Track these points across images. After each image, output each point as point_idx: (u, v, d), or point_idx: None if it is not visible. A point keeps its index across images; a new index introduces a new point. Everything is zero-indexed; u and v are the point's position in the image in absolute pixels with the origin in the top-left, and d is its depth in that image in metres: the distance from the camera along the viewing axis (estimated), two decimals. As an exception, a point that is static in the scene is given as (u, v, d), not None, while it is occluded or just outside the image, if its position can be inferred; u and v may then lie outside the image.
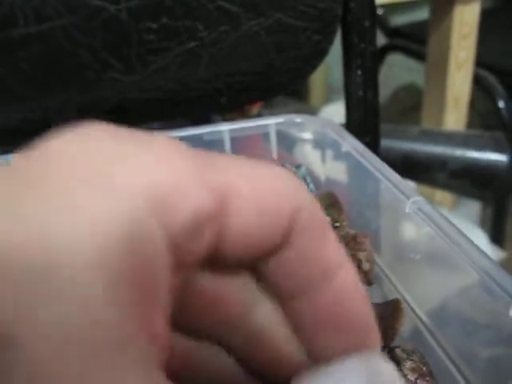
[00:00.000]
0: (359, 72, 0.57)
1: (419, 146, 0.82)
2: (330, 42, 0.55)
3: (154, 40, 0.48)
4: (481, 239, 0.88)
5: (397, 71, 1.40)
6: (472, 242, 0.32)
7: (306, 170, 0.48)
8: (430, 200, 0.49)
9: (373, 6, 0.57)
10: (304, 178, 0.48)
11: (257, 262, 0.18)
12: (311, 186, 0.48)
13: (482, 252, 0.31)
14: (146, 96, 0.51)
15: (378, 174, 0.41)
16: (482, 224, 1.01)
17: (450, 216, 0.74)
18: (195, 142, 0.48)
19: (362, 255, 0.40)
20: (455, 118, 1.01)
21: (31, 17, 0.45)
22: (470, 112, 1.04)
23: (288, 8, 0.51)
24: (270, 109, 1.03)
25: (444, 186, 0.87)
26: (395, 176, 0.40)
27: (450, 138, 0.83)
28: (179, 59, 0.49)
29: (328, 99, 1.42)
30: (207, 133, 0.48)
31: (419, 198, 0.37)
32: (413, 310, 0.39)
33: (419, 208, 0.37)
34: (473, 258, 0.31)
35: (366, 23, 0.56)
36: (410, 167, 0.81)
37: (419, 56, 1.12)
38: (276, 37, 0.51)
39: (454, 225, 0.35)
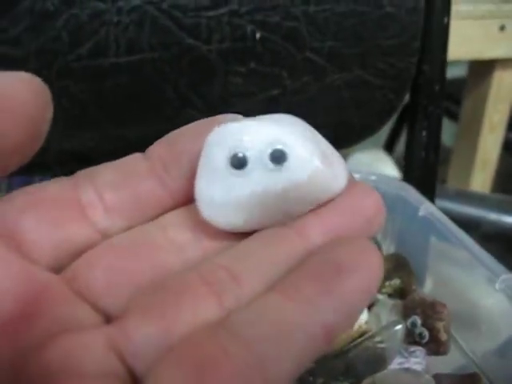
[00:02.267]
0: (424, 133, 0.58)
1: (454, 205, 0.82)
2: (401, 100, 0.56)
3: (240, 83, 0.48)
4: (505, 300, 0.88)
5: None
6: None
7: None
8: (451, 258, 0.50)
9: (444, 71, 0.57)
10: (375, 238, 0.48)
11: None
12: (378, 244, 0.48)
13: None
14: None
15: (463, 246, 0.41)
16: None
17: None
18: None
19: (439, 325, 0.40)
20: (482, 179, 1.02)
21: (124, 48, 0.45)
22: (497, 174, 1.05)
23: (370, 65, 0.51)
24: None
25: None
26: (482, 251, 0.40)
27: (485, 201, 0.84)
28: (261, 105, 0.49)
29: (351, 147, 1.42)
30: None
31: (509, 276, 0.37)
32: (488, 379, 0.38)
33: (508, 286, 0.37)
34: None
35: (436, 87, 0.57)
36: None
37: (449, 114, 1.13)
38: (355, 92, 0.52)
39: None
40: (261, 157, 0.18)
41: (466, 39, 0.89)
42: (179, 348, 0.15)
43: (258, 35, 0.47)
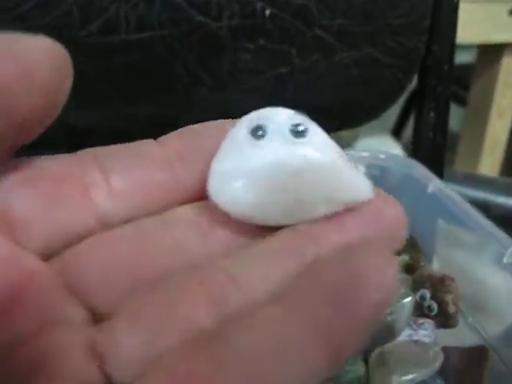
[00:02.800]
0: (432, 114, 0.58)
1: (462, 189, 0.82)
2: (410, 80, 0.56)
3: (249, 60, 0.48)
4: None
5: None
6: None
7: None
8: (457, 240, 0.50)
9: (453, 52, 0.57)
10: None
11: None
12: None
13: None
14: (229, 114, 0.51)
15: (469, 222, 0.41)
16: None
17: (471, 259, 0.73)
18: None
19: (448, 298, 0.40)
20: (490, 164, 1.02)
21: (134, 25, 0.45)
22: (505, 159, 1.05)
23: (379, 43, 0.51)
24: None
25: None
26: (491, 225, 0.40)
27: (493, 184, 0.83)
28: (270, 82, 0.49)
29: (359, 132, 1.43)
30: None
31: (517, 248, 0.38)
32: (499, 356, 0.39)
33: (517, 259, 0.37)
34: None
35: (445, 67, 0.57)
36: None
37: (458, 99, 1.13)
38: (364, 70, 0.52)
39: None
40: (281, 129, 0.18)
41: (475, 23, 0.89)
42: (167, 360, 0.14)
43: (267, 12, 0.47)
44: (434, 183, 0.45)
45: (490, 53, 0.98)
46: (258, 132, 0.18)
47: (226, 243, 0.18)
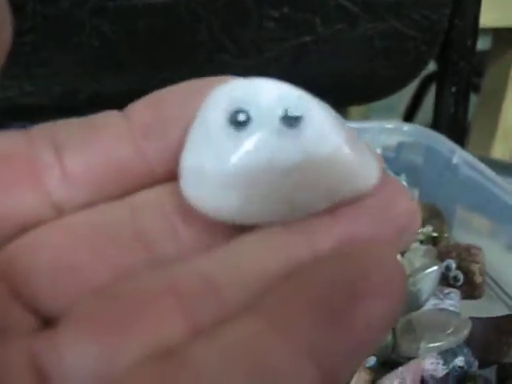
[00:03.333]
0: (453, 89, 0.57)
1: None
2: (432, 54, 0.55)
3: (273, 28, 0.48)
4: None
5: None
6: None
7: (406, 177, 0.48)
8: (468, 225, 0.50)
9: (476, 27, 0.57)
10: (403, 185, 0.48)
11: None
12: (414, 193, 0.48)
13: None
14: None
15: (498, 189, 0.41)
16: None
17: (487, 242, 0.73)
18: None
19: (475, 267, 0.40)
20: (503, 148, 1.02)
21: (158, -12, 0.45)
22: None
23: (403, 15, 0.51)
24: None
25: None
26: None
27: (507, 168, 0.83)
28: (293, 51, 0.49)
29: (367, 116, 1.43)
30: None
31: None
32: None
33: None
34: None
35: (468, 42, 0.56)
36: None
37: (472, 86, 1.12)
38: (387, 42, 0.51)
39: None
40: (268, 116, 0.14)
41: (492, 7, 0.88)
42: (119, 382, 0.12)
43: (293, -21, 0.46)
44: (459, 154, 0.45)
45: (505, 38, 0.97)
46: (238, 117, 0.14)
47: (201, 237, 0.15)
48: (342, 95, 0.53)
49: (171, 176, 0.15)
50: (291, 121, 0.14)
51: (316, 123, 0.14)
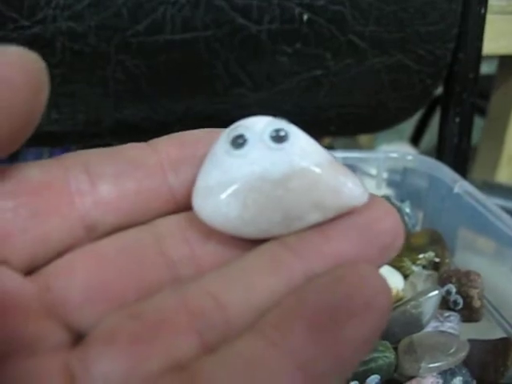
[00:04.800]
0: (457, 120, 0.60)
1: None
2: (437, 86, 0.58)
3: (286, 63, 0.50)
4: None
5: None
6: None
7: (410, 205, 0.50)
8: (472, 246, 0.51)
9: (479, 60, 0.59)
10: (407, 213, 0.50)
11: None
12: (413, 220, 0.50)
13: None
14: (263, 114, 0.53)
15: (497, 220, 0.43)
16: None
17: (491, 263, 0.75)
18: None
19: (473, 292, 0.42)
20: (508, 174, 1.04)
21: (179, 25, 0.48)
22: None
23: (409, 50, 0.53)
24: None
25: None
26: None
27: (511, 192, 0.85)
28: (304, 84, 0.51)
29: (374, 138, 1.45)
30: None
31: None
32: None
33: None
34: None
35: (471, 75, 0.59)
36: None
37: (478, 110, 1.15)
38: (394, 75, 0.54)
39: None
40: (261, 136, 0.17)
41: (498, 34, 0.90)
42: None
43: (305, 17, 0.49)
44: (461, 184, 0.47)
45: (510, 64, 0.99)
46: (237, 141, 0.17)
47: (214, 257, 0.17)
48: (350, 125, 0.56)
49: (190, 206, 0.18)
50: (279, 138, 0.17)
51: (299, 141, 0.17)
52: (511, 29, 0.91)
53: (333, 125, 0.55)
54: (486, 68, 1.26)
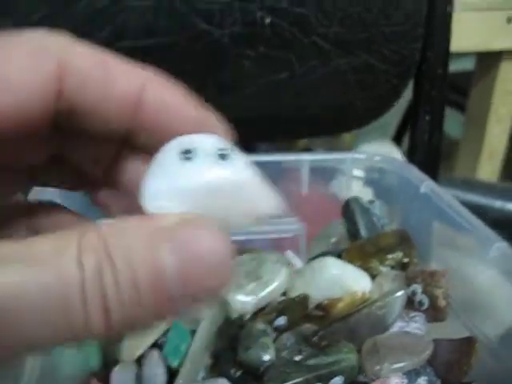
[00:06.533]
0: (427, 117, 0.60)
1: (460, 194, 0.84)
2: (406, 85, 0.58)
3: (250, 66, 0.50)
4: (509, 288, 0.90)
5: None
6: None
7: (380, 205, 0.51)
8: (449, 243, 0.51)
9: (447, 57, 0.59)
10: (376, 213, 0.50)
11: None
12: (383, 221, 0.50)
13: None
14: (233, 118, 0.53)
15: (458, 218, 0.43)
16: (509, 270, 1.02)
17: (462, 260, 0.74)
18: (274, 168, 0.50)
19: (438, 292, 0.42)
20: (489, 170, 1.04)
21: (141, 32, 0.48)
22: (504, 164, 1.06)
23: (375, 51, 0.53)
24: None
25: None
26: (479, 222, 0.42)
27: (491, 190, 0.85)
28: (270, 87, 0.51)
29: (357, 138, 1.45)
30: (287, 161, 0.50)
31: (503, 244, 0.40)
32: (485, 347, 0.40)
33: (503, 253, 0.39)
34: None
35: (439, 71, 0.59)
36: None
37: (457, 106, 1.15)
38: (360, 76, 0.54)
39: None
40: (208, 151, 0.20)
41: (473, 31, 0.91)
42: None
43: (267, 20, 0.49)
44: (427, 184, 0.47)
45: (489, 60, 1.00)
46: (187, 154, 0.20)
47: None
48: (319, 127, 0.56)
49: None
50: (223, 156, 0.20)
51: (239, 159, 0.21)
52: (486, 25, 0.91)
53: (301, 126, 0.55)
54: (465, 64, 1.27)
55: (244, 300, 0.44)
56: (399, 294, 0.42)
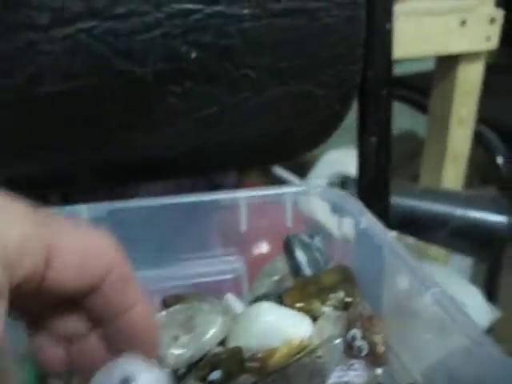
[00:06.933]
0: (373, 139, 0.58)
1: (421, 203, 0.82)
2: (348, 109, 0.56)
3: (177, 103, 0.48)
4: (476, 297, 0.89)
5: (397, 117, 1.41)
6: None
7: (321, 240, 0.49)
8: (425, 254, 0.49)
9: (389, 76, 0.58)
10: (318, 248, 0.48)
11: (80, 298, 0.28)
12: (325, 256, 0.48)
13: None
14: (163, 156, 0.51)
15: (396, 260, 0.41)
16: (474, 278, 1.02)
17: (444, 270, 0.75)
18: (212, 207, 0.48)
19: (376, 338, 0.40)
20: (454, 172, 1.02)
21: (59, 75, 0.45)
22: (469, 166, 1.05)
23: (311, 77, 0.51)
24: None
25: (443, 244, 0.88)
26: (414, 264, 0.40)
27: (452, 197, 0.84)
28: (200, 123, 0.49)
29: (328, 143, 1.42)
30: (224, 199, 0.48)
31: (438, 289, 0.38)
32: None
33: (438, 300, 0.37)
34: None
35: (383, 92, 0.57)
36: (410, 223, 0.82)
37: (421, 107, 1.13)
38: (296, 104, 0.52)
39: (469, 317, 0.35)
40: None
41: (428, 35, 0.89)
42: None
43: (193, 55, 0.47)
44: (367, 218, 0.46)
45: (447, 62, 0.98)
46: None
47: None
48: (258, 157, 0.54)
49: None
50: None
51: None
52: (440, 29, 0.90)
53: (239, 158, 0.53)
54: (427, 65, 1.25)
55: (178, 353, 0.42)
56: (337, 341, 0.41)
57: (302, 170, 1.12)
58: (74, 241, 0.26)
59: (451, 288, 0.48)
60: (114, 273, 0.27)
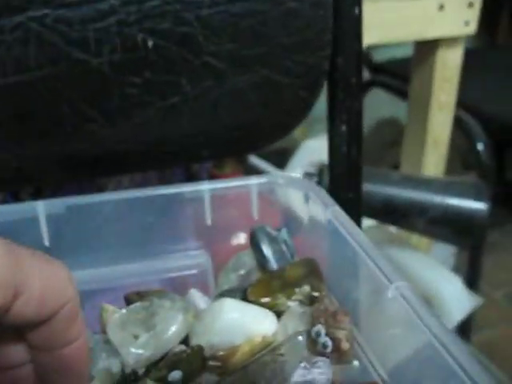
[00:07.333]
0: (344, 128, 0.56)
1: (400, 191, 0.81)
2: (316, 97, 0.54)
3: (136, 94, 0.47)
4: (457, 285, 0.88)
5: (378, 104, 1.40)
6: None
7: (287, 232, 0.47)
8: (406, 243, 0.47)
9: (360, 63, 0.56)
10: (284, 241, 0.47)
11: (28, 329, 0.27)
12: (291, 249, 0.47)
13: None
14: (125, 148, 0.49)
15: (361, 252, 0.40)
16: (457, 267, 1.02)
17: (425, 259, 0.74)
18: (177, 199, 0.47)
19: (341, 334, 0.39)
20: (435, 158, 1.01)
21: (11, 67, 0.44)
22: (450, 152, 1.04)
23: (276, 64, 0.50)
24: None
25: (423, 232, 0.87)
26: (379, 256, 0.39)
27: (431, 185, 0.83)
28: (161, 113, 0.48)
29: (309, 131, 1.41)
30: (188, 191, 0.47)
31: (402, 284, 0.36)
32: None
33: (402, 294, 0.36)
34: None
35: (353, 80, 0.56)
36: (390, 212, 0.81)
37: (401, 93, 1.12)
38: (262, 92, 0.50)
39: (433, 312, 0.34)
40: None
41: (406, 20, 0.88)
42: None
43: (150, 43, 0.45)
44: (333, 209, 0.44)
45: (425, 47, 0.97)
46: None
47: None
48: (223, 148, 0.53)
49: None
50: None
51: None
52: (418, 14, 0.88)
53: (204, 150, 0.51)
54: (407, 50, 1.23)
55: (137, 352, 0.41)
56: (300, 338, 0.39)
57: (281, 159, 1.11)
58: (37, 274, 0.26)
59: (431, 277, 0.47)
60: (67, 307, 0.27)
